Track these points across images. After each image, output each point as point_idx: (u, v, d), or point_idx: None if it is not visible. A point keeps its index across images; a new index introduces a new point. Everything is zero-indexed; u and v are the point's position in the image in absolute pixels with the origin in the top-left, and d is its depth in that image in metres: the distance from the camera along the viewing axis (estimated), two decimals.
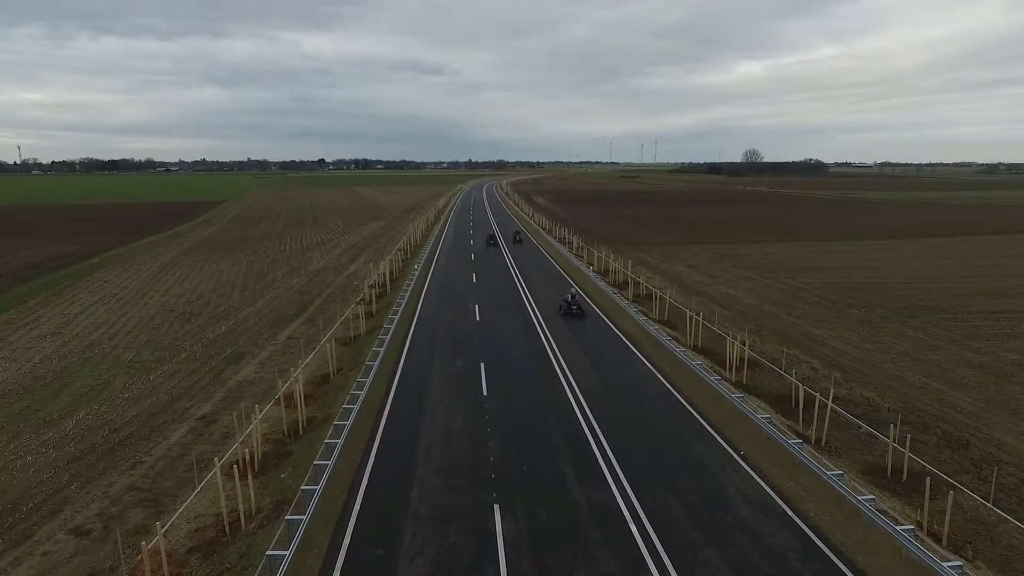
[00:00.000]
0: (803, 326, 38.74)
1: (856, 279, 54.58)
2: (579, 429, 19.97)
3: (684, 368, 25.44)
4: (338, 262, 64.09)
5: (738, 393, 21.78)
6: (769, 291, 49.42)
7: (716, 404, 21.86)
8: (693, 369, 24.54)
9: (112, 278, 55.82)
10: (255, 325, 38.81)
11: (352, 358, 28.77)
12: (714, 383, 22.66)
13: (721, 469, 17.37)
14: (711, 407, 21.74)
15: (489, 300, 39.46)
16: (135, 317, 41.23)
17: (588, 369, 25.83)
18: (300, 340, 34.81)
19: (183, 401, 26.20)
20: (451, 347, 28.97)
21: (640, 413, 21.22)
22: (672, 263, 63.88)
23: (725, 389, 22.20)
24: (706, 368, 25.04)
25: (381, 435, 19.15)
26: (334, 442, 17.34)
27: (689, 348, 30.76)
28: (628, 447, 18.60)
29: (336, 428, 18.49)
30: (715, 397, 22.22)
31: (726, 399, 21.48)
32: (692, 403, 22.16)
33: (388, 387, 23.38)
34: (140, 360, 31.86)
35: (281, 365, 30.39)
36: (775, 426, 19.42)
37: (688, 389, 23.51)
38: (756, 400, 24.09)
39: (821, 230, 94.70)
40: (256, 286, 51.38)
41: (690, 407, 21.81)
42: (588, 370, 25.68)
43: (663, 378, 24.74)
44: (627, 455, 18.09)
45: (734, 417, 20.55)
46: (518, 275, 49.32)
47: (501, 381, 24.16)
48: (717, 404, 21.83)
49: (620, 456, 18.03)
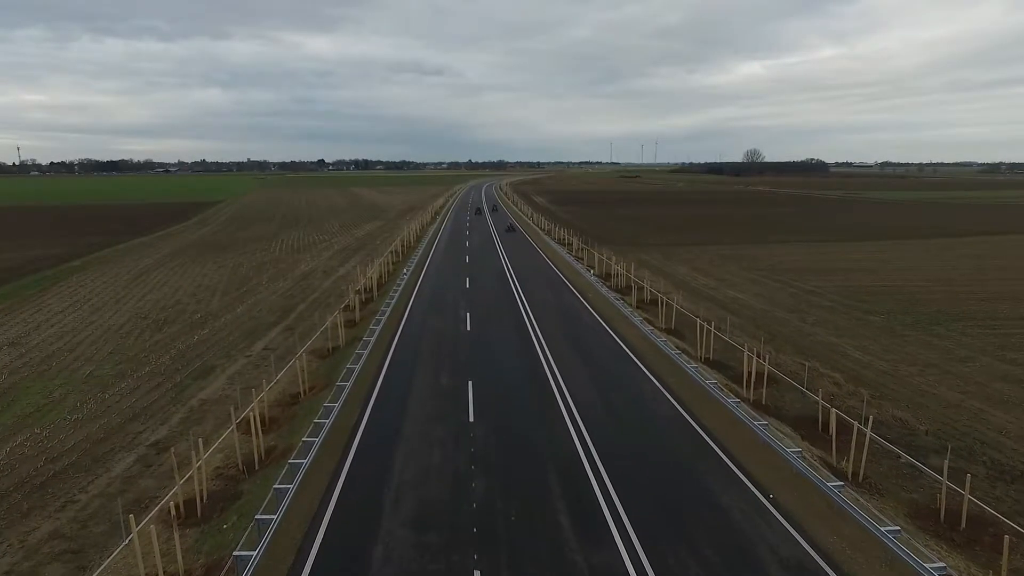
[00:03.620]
0: (820, 334, 36.01)
1: (870, 282, 51.86)
2: (578, 464, 17.19)
3: (696, 387, 22.70)
4: (328, 265, 61.39)
5: (761, 420, 19.00)
6: (779, 295, 46.70)
7: (735, 431, 19.09)
8: (707, 389, 21.78)
9: (88, 282, 53.12)
10: (231, 334, 36.10)
11: (327, 374, 26.02)
12: (732, 406, 19.90)
13: (747, 517, 14.60)
14: (730, 435, 18.96)
15: (482, 307, 36.65)
16: (104, 325, 38.52)
17: (589, 389, 22.99)
18: (275, 352, 32.09)
19: (136, 423, 23.49)
20: (437, 362, 26.06)
21: (649, 444, 18.38)
22: (675, 265, 61.17)
23: (745, 413, 19.44)
24: (721, 387, 22.28)
25: (345, 474, 16.19)
26: (285, 487, 14.55)
27: (699, 362, 28.04)
28: (636, 488, 15.82)
29: (291, 468, 15.69)
30: (733, 423, 19.46)
31: (747, 426, 18.73)
32: (708, 430, 19.36)
33: (361, 412, 20.47)
34: (99, 375, 29.15)
35: (251, 381, 27.65)
36: (807, 461, 16.67)
37: (702, 412, 20.72)
38: (778, 423, 21.36)
39: (828, 230, 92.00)
40: (238, 291, 48.67)
41: (706, 435, 18.99)
42: (589, 390, 22.84)
43: (673, 399, 21.94)
44: (634, 499, 15.31)
45: (757, 448, 17.81)
46: (514, 279, 46.57)
47: (490, 403, 21.32)
48: (736, 431, 19.06)
49: (626, 500, 15.26)
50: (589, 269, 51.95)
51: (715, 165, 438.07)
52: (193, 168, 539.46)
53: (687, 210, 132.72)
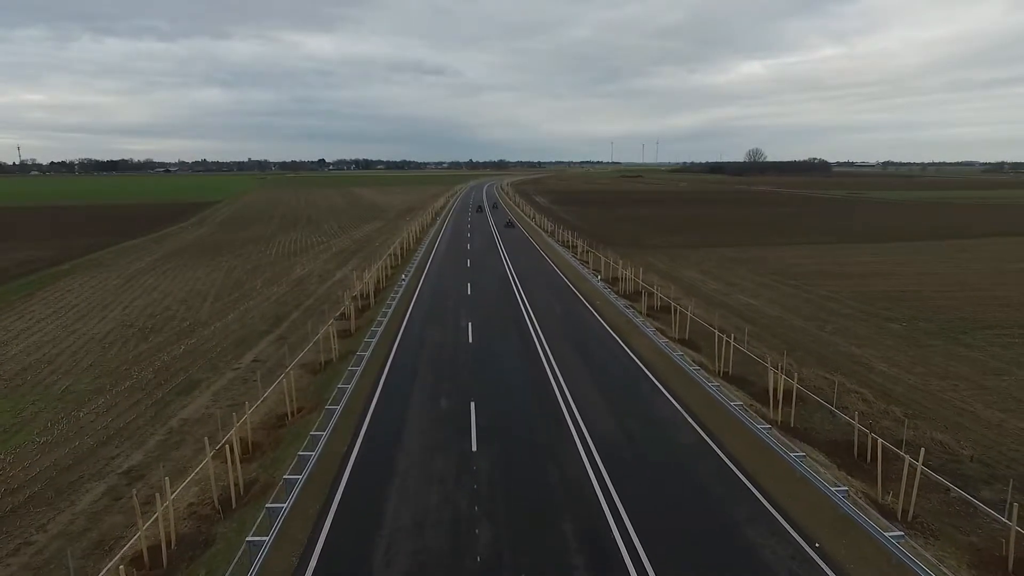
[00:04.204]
0: (841, 344, 34.10)
1: (885, 287, 49.94)
2: (595, 503, 15.24)
3: (719, 408, 20.78)
4: (324, 268, 59.54)
5: (796, 450, 17.09)
6: (794, 301, 44.79)
7: (768, 463, 17.13)
8: (732, 412, 19.86)
9: (76, 287, 51.27)
10: (219, 344, 34.24)
11: (318, 392, 24.13)
12: (762, 433, 17.98)
13: (792, 572, 12.72)
14: (763, 467, 16.97)
15: (484, 316, 34.69)
16: (87, 334, 36.66)
17: (603, 413, 20.92)
18: (265, 364, 30.24)
19: (110, 447, 21.62)
20: (436, 380, 23.97)
21: (673, 478, 16.35)
22: (683, 268, 59.27)
23: (776, 441, 17.52)
24: (747, 409, 20.37)
25: (330, 523, 13.84)
26: (261, 539, 12.64)
27: (718, 377, 26.15)
28: (660, 533, 13.84)
29: (268, 514, 13.78)
30: (764, 452, 17.54)
31: (780, 456, 16.81)
32: (738, 462, 17.36)
33: (351, 441, 18.39)
34: (75, 390, 27.29)
35: (237, 397, 25.78)
36: (851, 499, 14.77)
37: (729, 440, 18.76)
38: (810, 449, 19.47)
39: (836, 232, 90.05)
40: (230, 296, 46.82)
41: (737, 469, 16.97)
42: (603, 415, 20.78)
43: (696, 424, 19.96)
44: (659, 547, 13.36)
45: (794, 483, 15.89)
46: (518, 285, 44.66)
47: (495, 429, 19.26)
48: (769, 463, 17.10)
49: (650, 549, 13.32)
50: (595, 273, 50.06)
51: (716, 165, 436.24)
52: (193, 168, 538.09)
53: (691, 210, 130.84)
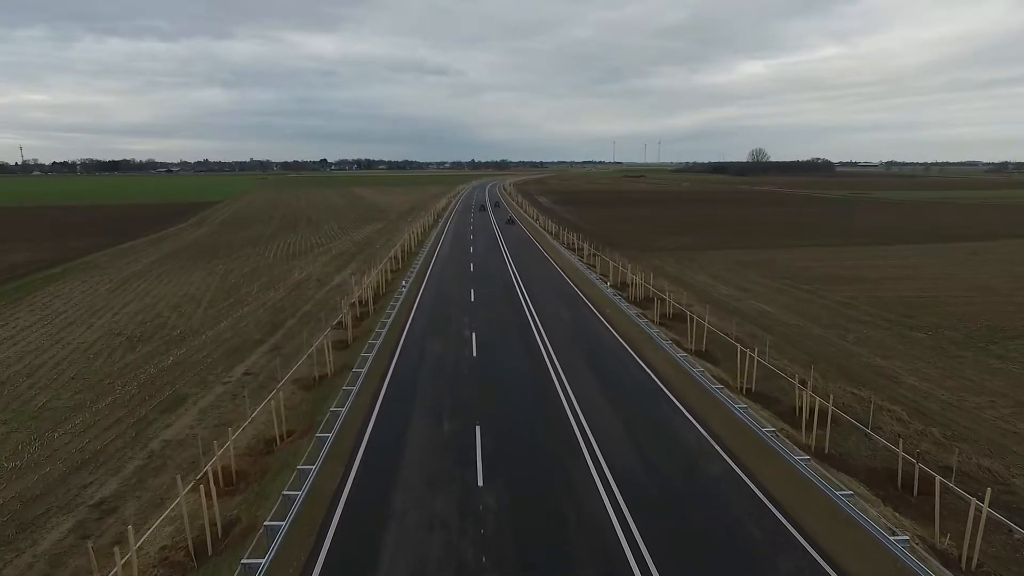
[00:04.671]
0: (865, 356, 32.31)
1: (904, 291, 48.10)
2: (617, 550, 13.45)
3: (747, 433, 18.97)
4: (323, 272, 57.84)
5: (844, 488, 15.30)
6: (810, 308, 42.99)
7: (808, 498, 15.24)
8: (763, 438, 18.07)
9: (66, 292, 49.60)
10: (210, 355, 32.52)
11: (310, 412, 22.38)
12: (800, 465, 16.17)
13: None
14: (802, 504, 15.06)
15: (489, 326, 32.82)
16: (72, 344, 34.97)
17: (621, 440, 18.84)
18: (257, 378, 28.52)
19: (83, 473, 19.91)
20: (438, 400, 22.06)
21: (702, 517, 14.45)
22: (692, 272, 57.50)
23: (817, 475, 15.71)
24: (778, 435, 18.56)
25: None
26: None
27: (740, 393, 24.38)
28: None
29: (245, 570, 12.01)
30: (803, 487, 15.69)
31: (821, 492, 15.02)
32: (774, 497, 15.48)
33: (344, 475, 16.44)
34: (53, 407, 25.58)
35: (224, 416, 24.07)
36: (911, 547, 13.00)
37: (761, 469, 16.95)
38: (846, 478, 17.70)
39: (845, 233, 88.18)
40: (225, 302, 45.11)
41: (772, 505, 15.15)
42: (622, 442, 18.71)
43: (722, 450, 18.14)
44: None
45: (840, 525, 14.10)
46: (523, 290, 42.88)
47: (503, 459, 17.33)
48: (809, 498, 15.23)
49: None
50: (603, 278, 48.28)
51: (719, 165, 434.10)
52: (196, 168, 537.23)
53: (695, 211, 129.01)
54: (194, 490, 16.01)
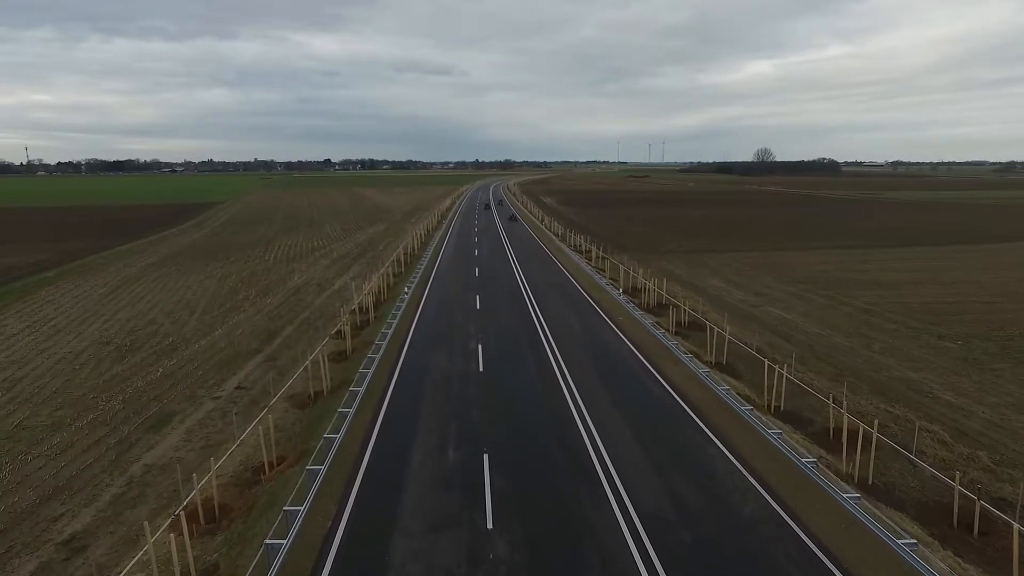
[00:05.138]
0: (894, 368, 30.47)
1: (927, 297, 46.22)
2: None
3: (784, 462, 17.16)
4: (324, 276, 56.18)
5: (905, 536, 13.47)
6: (831, 315, 41.13)
7: (862, 544, 13.37)
8: (804, 471, 16.25)
9: (58, 297, 48.03)
10: (201, 366, 30.85)
11: (303, 436, 20.64)
12: (849, 504, 14.34)
13: None
14: (857, 552, 13.22)
15: (496, 337, 30.94)
16: (58, 353, 33.35)
17: (645, 468, 16.73)
18: (249, 393, 26.83)
19: (55, 503, 18.23)
20: (442, 422, 20.23)
21: (743, 570, 12.74)
22: (703, 276, 55.67)
23: (869, 517, 13.90)
24: (819, 466, 16.74)
25: None
26: None
27: (769, 412, 22.58)
28: None
29: None
30: (857, 531, 13.78)
31: (882, 541, 13.17)
32: (823, 544, 13.33)
33: (336, 516, 14.58)
34: (30, 425, 23.92)
35: (212, 437, 22.40)
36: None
37: (804, 508, 14.99)
38: (895, 514, 15.88)
39: (857, 234, 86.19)
40: (221, 308, 43.46)
41: (823, 554, 13.16)
42: (645, 470, 16.60)
43: (759, 484, 16.15)
44: None
45: None
46: (531, 297, 41.09)
47: (515, 495, 15.45)
48: (864, 544, 13.39)
49: None
50: (612, 283, 46.50)
51: (724, 164, 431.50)
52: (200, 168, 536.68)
53: (702, 211, 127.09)
54: (173, 527, 14.34)
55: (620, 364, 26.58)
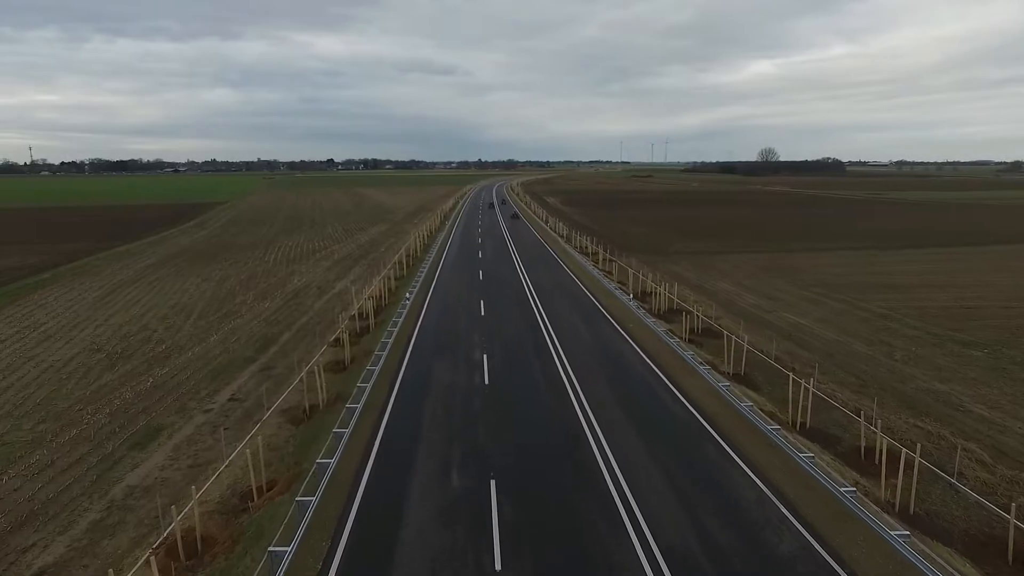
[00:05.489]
0: (919, 378, 29.00)
1: (944, 301, 44.74)
2: None
3: (819, 490, 15.71)
4: (325, 278, 54.88)
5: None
6: (847, 320, 39.67)
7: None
8: (843, 502, 14.80)
9: (51, 300, 46.79)
10: (194, 375, 29.53)
11: (295, 456, 19.26)
12: (899, 544, 12.93)
13: None
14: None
15: (503, 346, 29.42)
16: (46, 361, 32.07)
17: (668, 497, 15.23)
18: (243, 405, 25.49)
19: (27, 531, 16.89)
20: (446, 443, 18.66)
21: None
22: (713, 279, 54.23)
23: (921, 558, 12.50)
24: (860, 497, 15.29)
25: None
26: None
27: (794, 430, 21.16)
28: None
29: None
30: (906, 572, 12.54)
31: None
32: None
33: (328, 554, 13.09)
34: (8, 441, 22.60)
35: (200, 455, 21.06)
36: None
37: (846, 545, 13.55)
38: (943, 550, 14.46)
39: (866, 236, 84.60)
40: (217, 313, 42.16)
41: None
42: (668, 500, 15.04)
43: (793, 516, 14.57)
44: None
45: None
46: (537, 302, 39.67)
47: (526, 530, 13.91)
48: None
49: None
50: (621, 287, 45.08)
51: (728, 164, 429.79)
52: (203, 168, 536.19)
53: (708, 212, 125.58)
54: (149, 564, 12.99)
55: (634, 376, 25.11)
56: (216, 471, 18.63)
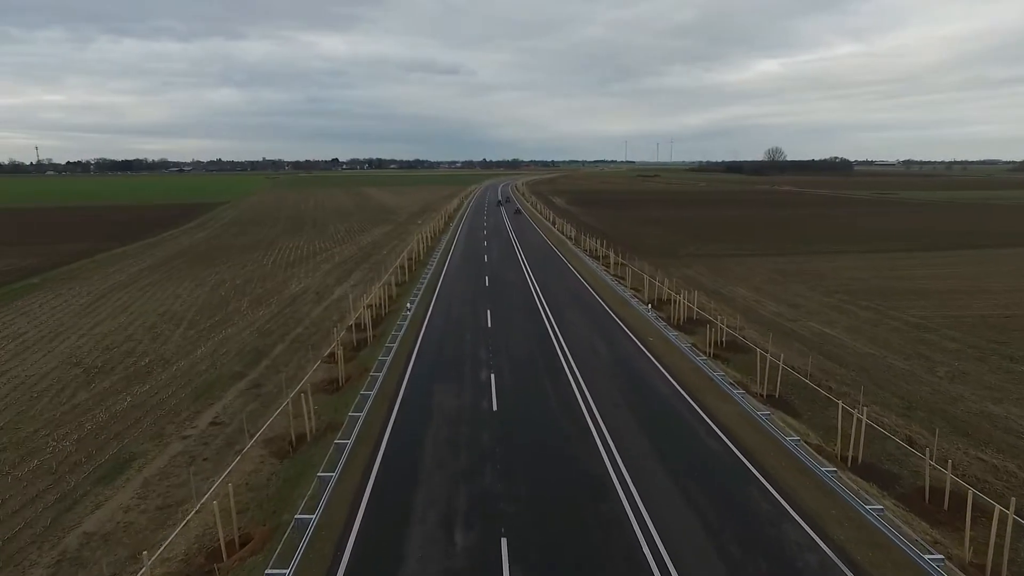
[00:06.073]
0: (969, 399, 26.39)
1: (981, 309, 42.05)
2: None
3: (891, 551, 13.25)
4: (323, 283, 52.51)
5: None
6: (879, 331, 37.03)
7: None
8: (926, 570, 12.32)
9: (36, 307, 44.53)
10: (176, 394, 27.16)
11: (276, 501, 16.79)
12: None
13: None
14: None
15: (511, 364, 26.72)
16: (19, 377, 29.75)
17: (709, 557, 12.77)
18: (226, 430, 23.08)
19: None
20: (448, 487, 16.13)
21: None
22: (729, 284, 51.64)
23: None
24: (945, 565, 12.79)
25: None
26: None
27: (841, 463, 18.62)
28: None
29: None
30: None
31: None
32: None
33: None
34: None
35: (171, 492, 18.64)
36: None
37: None
38: None
39: (886, 237, 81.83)
40: (209, 321, 39.81)
41: None
42: (710, 561, 12.54)
43: None
44: None
45: None
46: (548, 312, 37.17)
47: None
48: None
49: None
50: (635, 293, 42.56)
51: (734, 164, 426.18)
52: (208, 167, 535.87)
53: (717, 212, 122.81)
54: None
55: (660, 402, 22.47)
56: (186, 515, 16.22)
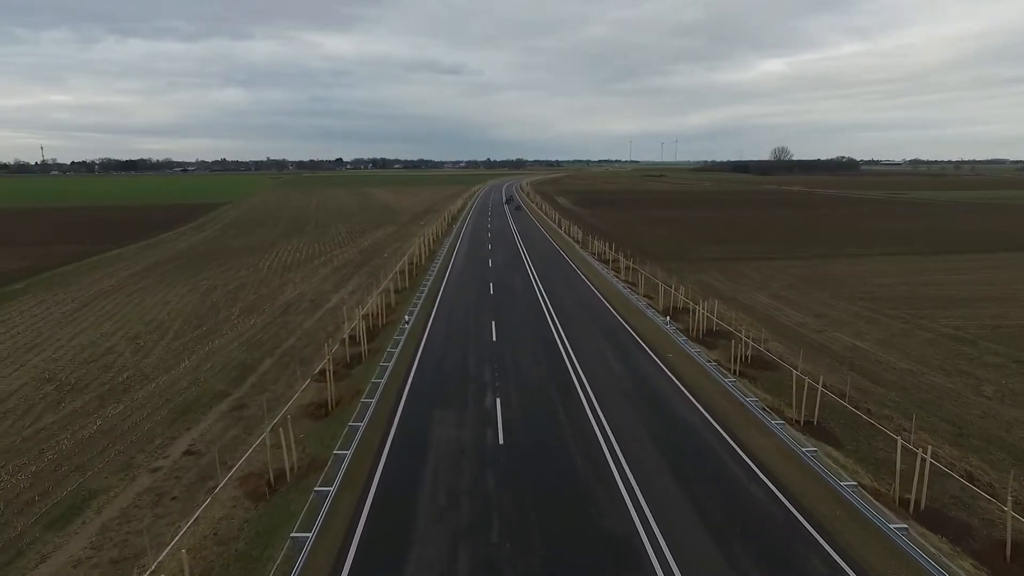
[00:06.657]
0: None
1: (1018, 318, 39.41)
2: None
3: None
4: (319, 289, 50.13)
5: None
6: (914, 343, 34.42)
7: None
8: None
9: (15, 316, 42.25)
10: (151, 416, 24.77)
11: (248, 559, 14.34)
12: None
13: None
14: None
15: (519, 385, 24.03)
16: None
17: None
18: (200, 462, 20.66)
19: None
20: (449, 546, 13.62)
21: None
22: (747, 290, 49.05)
23: None
24: None
25: None
26: None
27: (907, 511, 16.08)
28: None
29: None
30: None
31: None
32: None
33: None
34: None
35: (130, 540, 16.20)
36: None
37: None
38: None
39: (905, 239, 79.00)
40: (196, 331, 37.46)
41: None
42: None
43: None
44: None
45: None
46: (556, 323, 34.66)
47: None
48: None
49: None
50: (649, 302, 40.02)
51: (740, 163, 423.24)
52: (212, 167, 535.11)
53: (726, 213, 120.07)
54: None
55: (687, 435, 19.85)
56: (142, 574, 13.81)
